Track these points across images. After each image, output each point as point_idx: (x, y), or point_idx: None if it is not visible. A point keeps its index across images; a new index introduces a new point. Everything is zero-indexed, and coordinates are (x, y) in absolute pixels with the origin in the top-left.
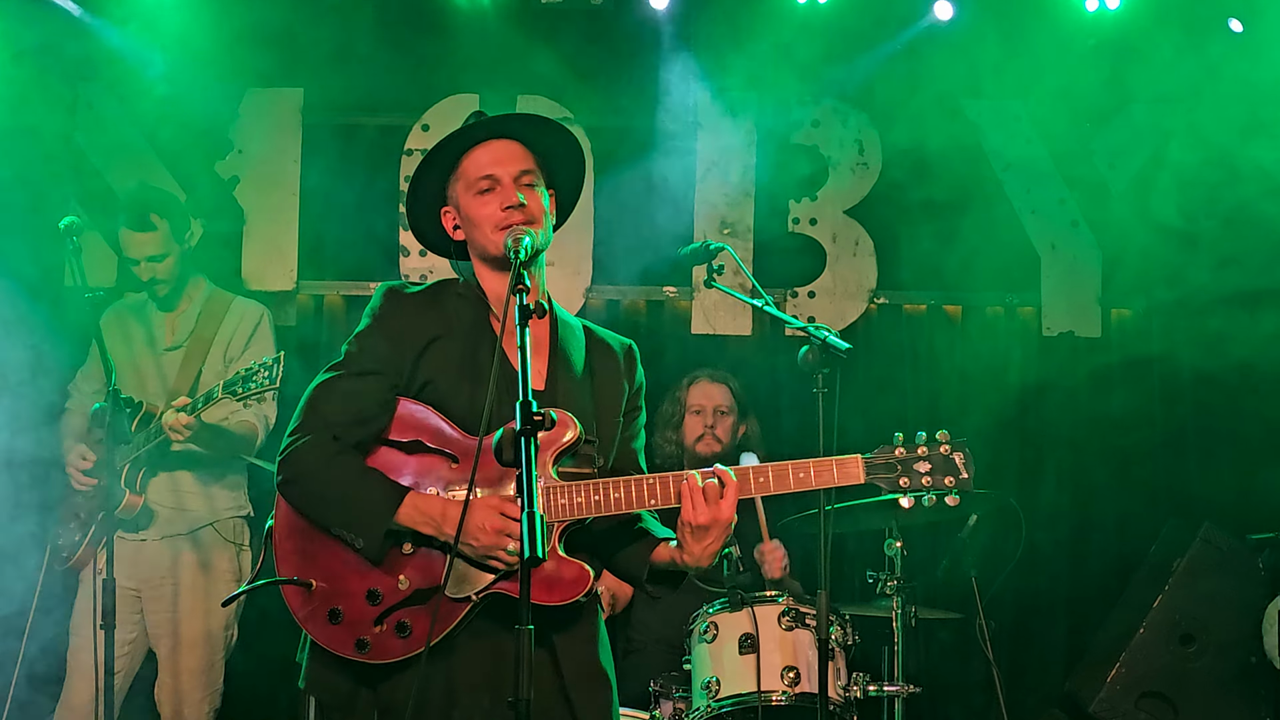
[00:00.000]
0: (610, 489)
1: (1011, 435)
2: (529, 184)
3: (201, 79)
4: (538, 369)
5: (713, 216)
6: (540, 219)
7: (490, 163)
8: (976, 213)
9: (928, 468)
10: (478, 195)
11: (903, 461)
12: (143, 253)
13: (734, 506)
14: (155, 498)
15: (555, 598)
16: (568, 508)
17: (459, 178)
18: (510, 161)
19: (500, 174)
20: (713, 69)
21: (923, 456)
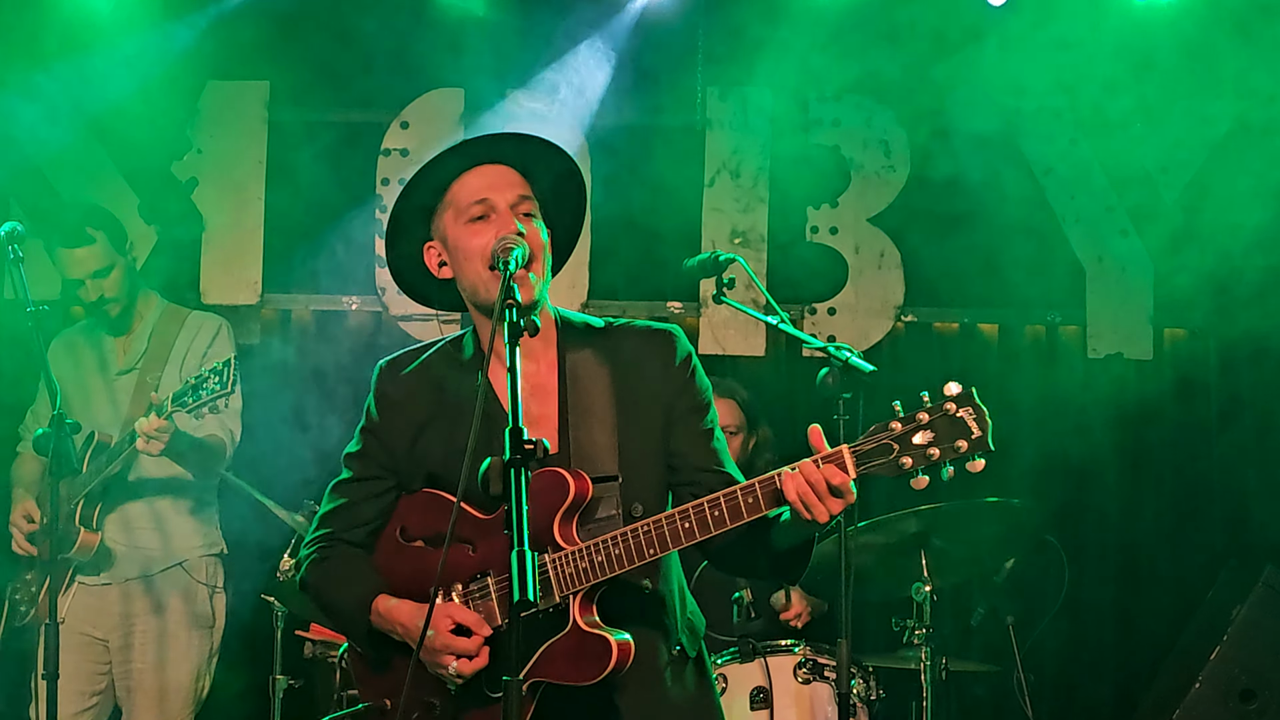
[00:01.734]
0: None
1: (1053, 468)
2: (527, 213)
3: (157, 70)
4: (545, 414)
5: (722, 224)
6: (540, 257)
7: (485, 187)
8: (1015, 221)
9: (929, 436)
10: (469, 224)
11: (900, 438)
12: (85, 270)
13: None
14: (114, 535)
15: (582, 676)
16: (576, 575)
17: (447, 205)
18: (506, 188)
19: (496, 200)
20: (722, 61)
21: (922, 424)
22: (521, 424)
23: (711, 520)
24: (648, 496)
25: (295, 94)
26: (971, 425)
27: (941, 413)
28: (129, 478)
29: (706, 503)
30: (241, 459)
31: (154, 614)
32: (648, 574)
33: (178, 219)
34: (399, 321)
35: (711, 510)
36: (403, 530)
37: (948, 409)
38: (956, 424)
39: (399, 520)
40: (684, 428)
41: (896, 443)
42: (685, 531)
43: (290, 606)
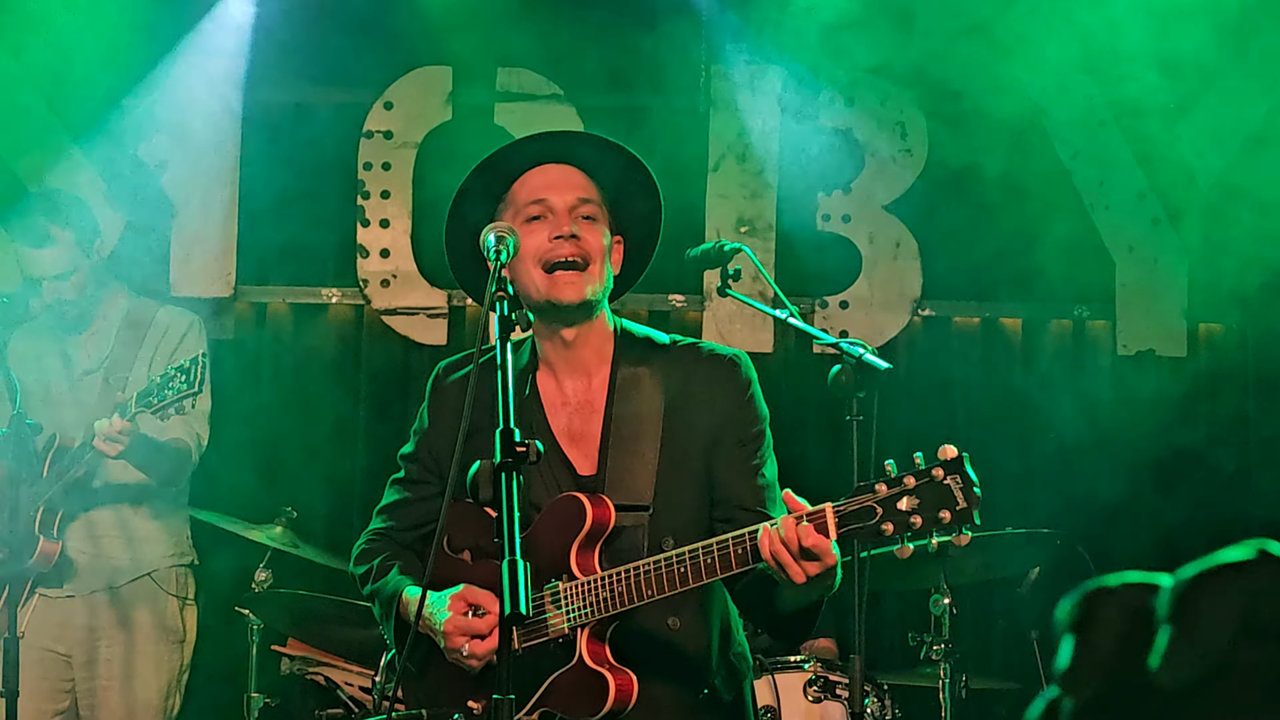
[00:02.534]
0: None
1: (1081, 472)
2: (587, 217)
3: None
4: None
5: (728, 212)
6: (597, 260)
7: (543, 186)
8: (1040, 209)
9: (913, 503)
10: (526, 224)
11: (884, 501)
12: (43, 272)
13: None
14: (77, 544)
15: (581, 712)
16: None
17: (508, 203)
18: (567, 189)
19: (554, 201)
20: (727, 38)
21: (908, 490)
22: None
23: (704, 567)
24: (683, 530)
25: (271, 71)
26: (958, 495)
27: (928, 478)
28: (93, 483)
29: (701, 548)
30: (212, 463)
31: (120, 628)
32: (673, 611)
33: (146, 205)
34: (382, 315)
35: (705, 556)
36: (449, 540)
37: (935, 474)
38: (942, 492)
39: (447, 527)
40: (730, 459)
41: (880, 506)
42: (680, 576)
43: (266, 619)
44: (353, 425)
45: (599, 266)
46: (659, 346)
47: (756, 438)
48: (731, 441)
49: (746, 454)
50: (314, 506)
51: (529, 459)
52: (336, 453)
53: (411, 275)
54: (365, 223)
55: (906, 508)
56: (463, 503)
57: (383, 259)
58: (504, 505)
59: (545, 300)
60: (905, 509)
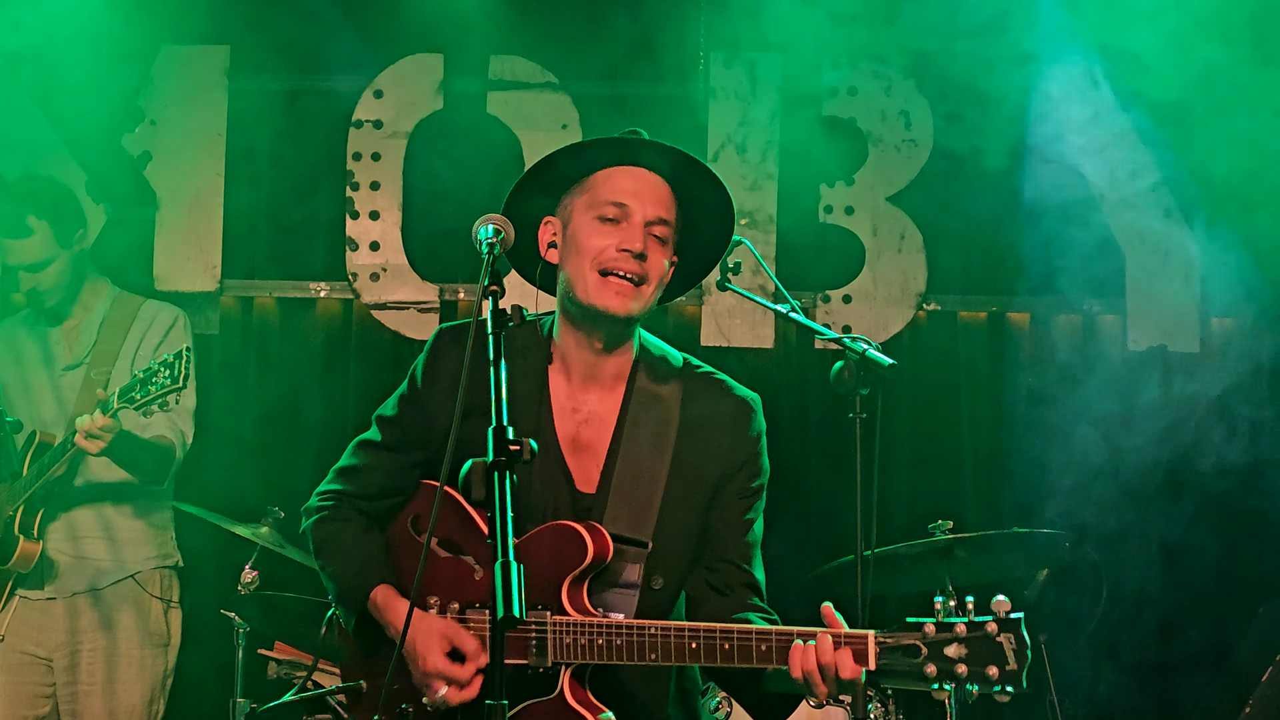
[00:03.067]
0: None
1: (1090, 471)
2: (660, 238)
3: (105, 33)
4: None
5: None
6: (653, 284)
7: (630, 191)
8: (1047, 200)
9: (962, 652)
10: (598, 221)
11: (931, 644)
12: (20, 260)
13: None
14: (58, 545)
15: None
16: (575, 648)
17: (584, 190)
18: (652, 201)
19: (635, 208)
20: (727, 24)
21: (959, 637)
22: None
23: (720, 653)
24: (673, 569)
25: (258, 60)
26: (1009, 655)
27: (981, 631)
28: (75, 481)
29: (720, 631)
30: (198, 462)
31: (102, 631)
32: None
33: (129, 197)
34: (372, 310)
35: (723, 642)
36: (415, 521)
37: (989, 629)
38: (994, 648)
39: (415, 508)
40: (727, 509)
41: (926, 646)
42: (691, 652)
43: (253, 622)
44: (341, 422)
45: (652, 289)
46: (674, 369)
47: (756, 492)
48: (733, 491)
49: (744, 506)
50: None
51: (523, 458)
52: (324, 451)
53: (402, 269)
54: (354, 214)
55: (954, 654)
56: (433, 484)
57: (372, 252)
58: (497, 505)
59: (590, 304)
60: (952, 655)
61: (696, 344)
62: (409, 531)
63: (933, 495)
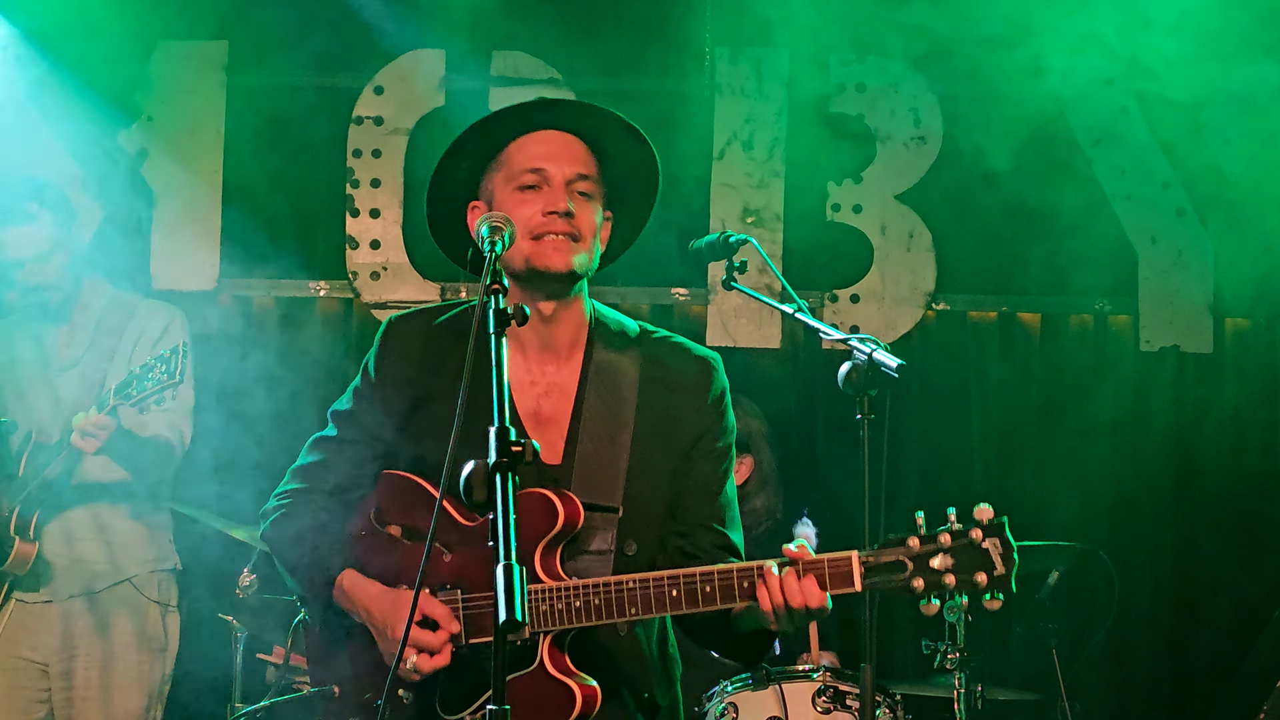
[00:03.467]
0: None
1: (1102, 473)
2: (584, 193)
3: (101, 28)
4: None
5: (733, 202)
6: (588, 240)
7: (544, 155)
8: (1060, 199)
9: (947, 562)
10: (518, 191)
11: (916, 557)
12: (23, 253)
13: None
14: (54, 547)
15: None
16: (551, 615)
17: (500, 166)
18: (568, 160)
19: (552, 171)
20: (733, 19)
21: (944, 547)
22: (528, 432)
23: (701, 595)
24: (646, 535)
25: (257, 56)
26: (996, 560)
27: (966, 539)
28: (71, 482)
29: (700, 575)
30: (196, 464)
31: (99, 635)
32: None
33: (125, 195)
34: (372, 309)
35: (703, 585)
36: (378, 512)
37: (973, 536)
38: (980, 555)
39: (376, 498)
40: (696, 472)
41: (911, 561)
42: (672, 600)
43: (251, 626)
44: None
45: (589, 244)
46: (632, 337)
47: (724, 452)
48: (700, 453)
49: (712, 467)
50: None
51: (524, 459)
52: None
53: (403, 267)
54: (355, 212)
55: (940, 566)
56: (397, 474)
57: (373, 250)
58: (500, 507)
59: (529, 268)
60: (938, 567)
61: (702, 344)
62: (372, 524)
63: (942, 498)
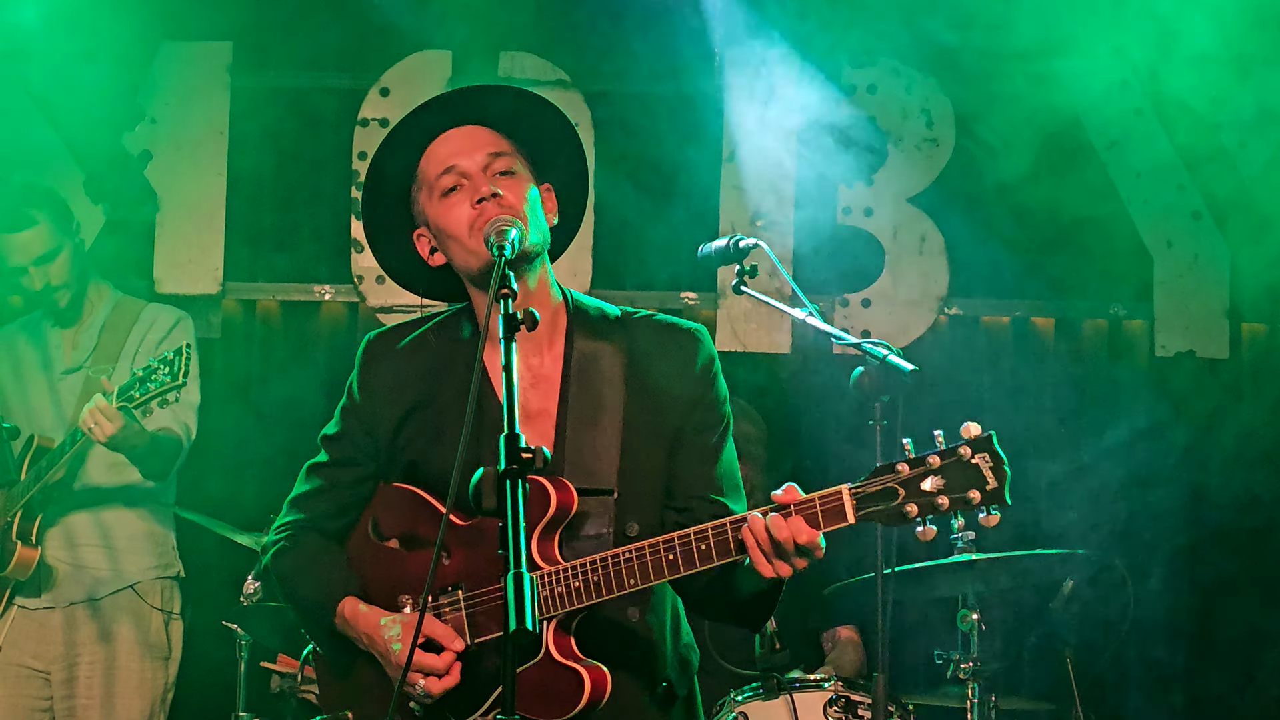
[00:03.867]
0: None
1: (1116, 480)
2: (505, 170)
3: (104, 28)
4: (544, 409)
5: (742, 205)
6: (523, 211)
7: (450, 154)
8: (1073, 202)
9: (939, 483)
10: (443, 199)
11: (906, 482)
12: (28, 256)
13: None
14: (56, 552)
15: (550, 713)
16: (551, 599)
17: (420, 185)
18: (474, 149)
19: (465, 165)
20: (742, 20)
21: (933, 469)
22: (518, 428)
23: (698, 554)
24: (647, 515)
25: (261, 56)
26: (987, 474)
27: (955, 457)
28: (74, 486)
29: (694, 534)
30: (199, 469)
31: (101, 643)
32: (634, 602)
33: (128, 197)
34: (377, 313)
35: (698, 543)
36: (375, 525)
37: (962, 453)
38: (970, 471)
39: (372, 512)
40: (690, 443)
41: (902, 487)
42: (669, 564)
43: (255, 634)
44: None
45: (528, 218)
46: (613, 320)
47: (717, 422)
48: (695, 423)
49: (706, 438)
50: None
51: (535, 465)
52: None
53: None
54: (360, 215)
55: (932, 488)
56: (394, 487)
57: None
58: (510, 515)
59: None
60: (930, 489)
61: None
62: (371, 540)
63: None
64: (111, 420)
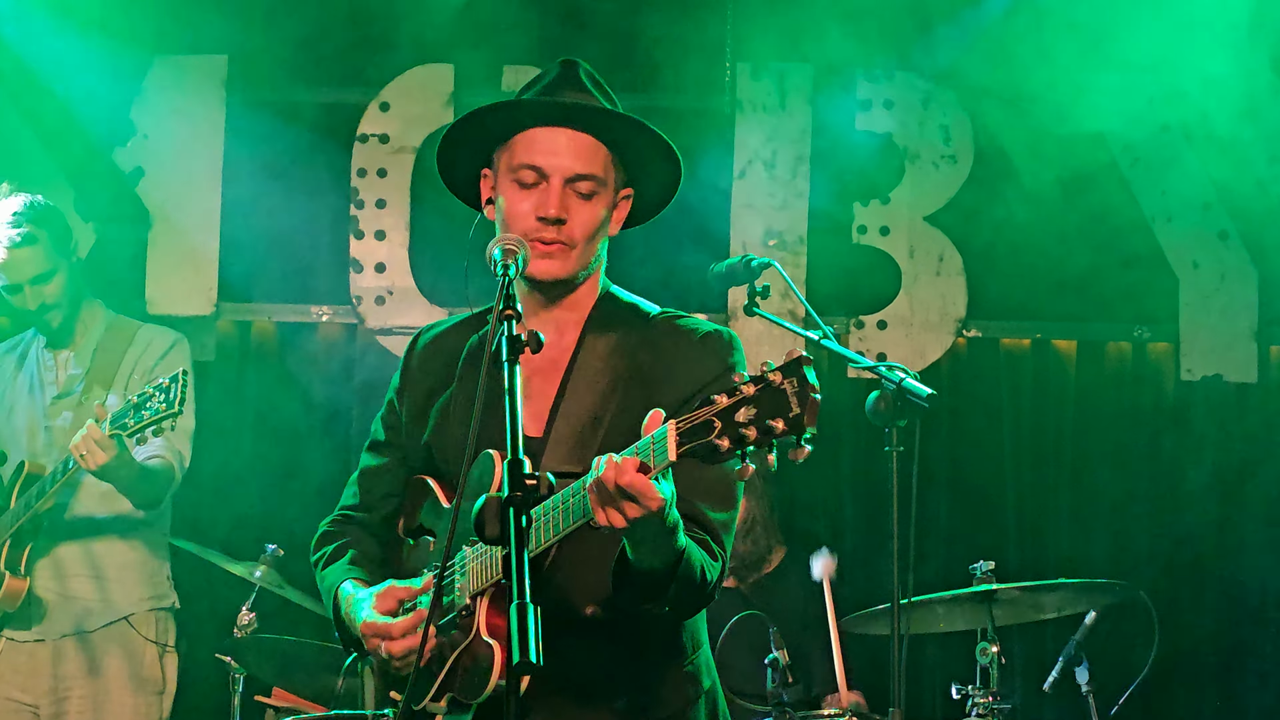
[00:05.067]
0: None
1: (1141, 509)
2: (586, 193)
3: (95, 42)
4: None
5: (755, 223)
6: (581, 244)
7: (543, 151)
8: (1096, 221)
9: (750, 414)
10: (515, 184)
11: (723, 413)
12: (24, 274)
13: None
14: (45, 583)
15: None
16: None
17: (507, 149)
18: (572, 159)
19: (550, 168)
20: (754, 33)
21: (746, 399)
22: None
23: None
24: None
25: (257, 71)
26: (792, 401)
27: (765, 384)
28: (64, 515)
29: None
30: (193, 496)
31: (91, 676)
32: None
33: (120, 215)
34: (377, 335)
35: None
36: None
37: (772, 379)
38: (777, 398)
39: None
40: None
41: (719, 419)
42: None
43: (250, 667)
44: (344, 454)
45: (584, 247)
46: (642, 315)
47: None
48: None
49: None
50: (302, 545)
51: (539, 493)
52: (326, 485)
53: (409, 292)
54: (359, 234)
55: (744, 419)
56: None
57: (378, 274)
58: (513, 544)
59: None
60: (743, 420)
61: None
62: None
63: (973, 533)
64: (104, 449)
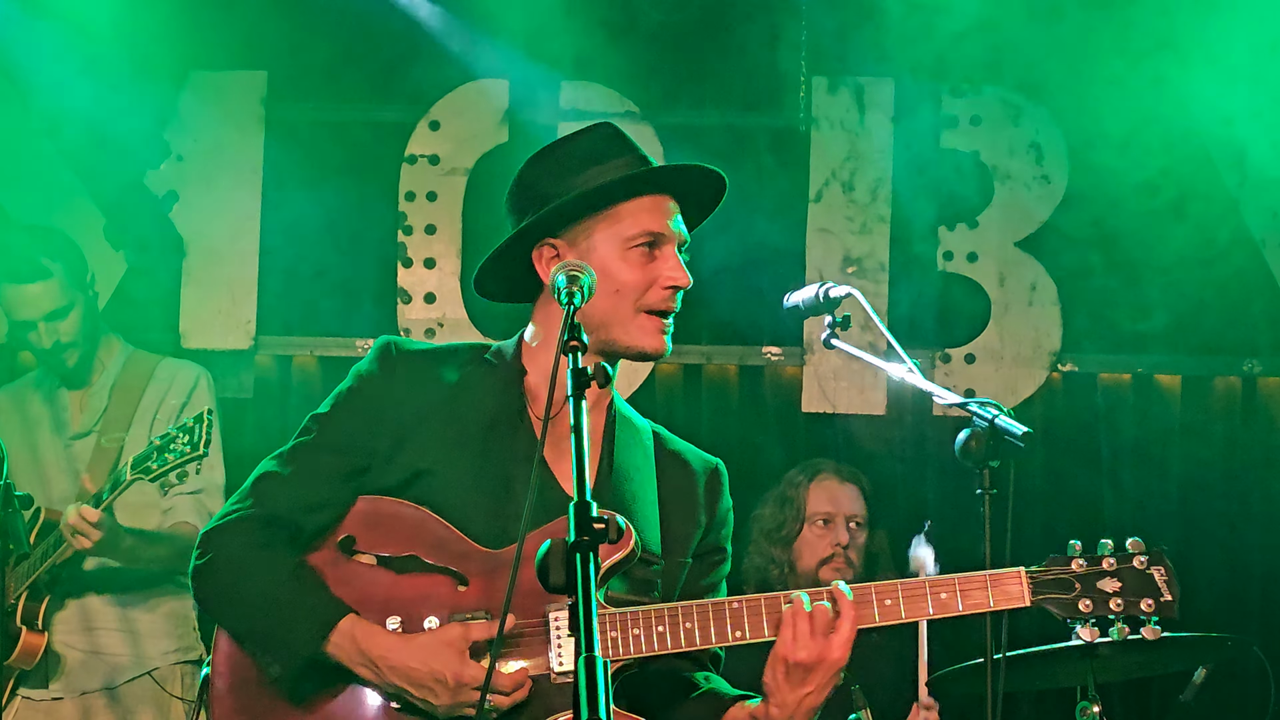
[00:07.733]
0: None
1: (1254, 557)
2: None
3: (126, 57)
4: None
5: (833, 249)
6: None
7: (658, 222)
8: (1201, 246)
9: (1116, 586)
10: (631, 251)
11: (1083, 578)
12: (39, 310)
13: (849, 642)
14: (66, 639)
15: None
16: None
17: (606, 218)
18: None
19: (668, 234)
20: (831, 45)
21: (1109, 571)
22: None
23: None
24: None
25: (299, 87)
26: (1163, 587)
27: (1130, 565)
28: (84, 565)
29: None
30: None
31: None
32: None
33: (152, 243)
34: None
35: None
36: (346, 540)
37: (1137, 563)
38: (1146, 581)
39: (347, 527)
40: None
41: (1079, 582)
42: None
43: None
44: None
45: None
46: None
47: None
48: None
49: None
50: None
51: (609, 538)
52: None
53: (461, 323)
54: (407, 262)
55: (1109, 589)
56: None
57: (427, 305)
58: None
59: (630, 345)
60: (1108, 590)
61: (797, 410)
62: (335, 552)
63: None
64: (98, 528)
